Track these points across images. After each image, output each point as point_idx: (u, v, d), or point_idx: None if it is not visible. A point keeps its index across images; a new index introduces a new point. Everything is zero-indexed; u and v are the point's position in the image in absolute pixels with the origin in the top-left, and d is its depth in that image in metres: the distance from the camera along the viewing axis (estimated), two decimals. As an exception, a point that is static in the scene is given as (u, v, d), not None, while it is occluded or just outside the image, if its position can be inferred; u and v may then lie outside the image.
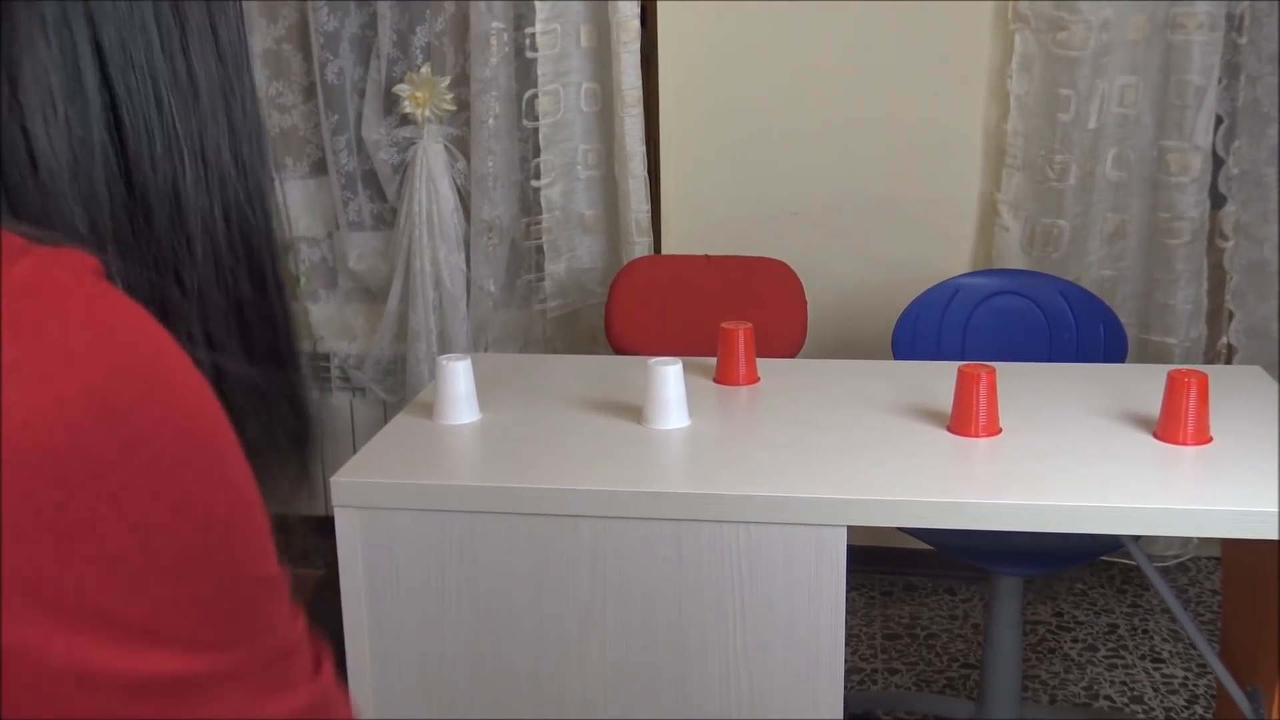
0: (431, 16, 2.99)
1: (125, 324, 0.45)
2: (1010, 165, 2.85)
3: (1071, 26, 2.70)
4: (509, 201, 3.04)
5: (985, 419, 1.89)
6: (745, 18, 2.91)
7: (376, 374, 3.17)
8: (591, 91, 2.99)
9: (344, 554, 1.81)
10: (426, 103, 2.98)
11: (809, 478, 1.77)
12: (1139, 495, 1.71)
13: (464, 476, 1.84)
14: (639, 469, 1.83)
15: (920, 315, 2.57)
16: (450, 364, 1.98)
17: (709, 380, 2.19)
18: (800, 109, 2.94)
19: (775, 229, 2.98)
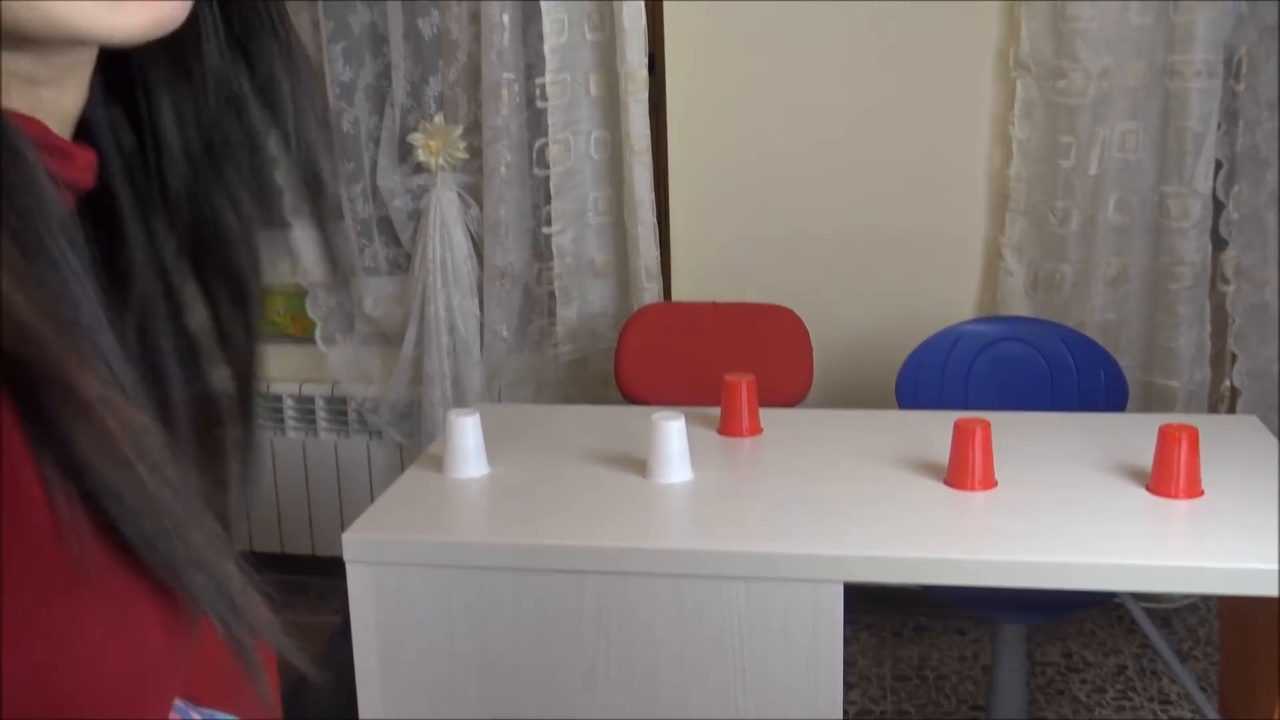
0: (444, 67, 3.05)
1: None
2: (1014, 210, 2.89)
3: (1071, 75, 2.75)
4: (521, 248, 3.10)
5: (981, 473, 1.93)
6: (752, 66, 2.97)
7: (393, 417, 3.23)
8: (601, 139, 3.05)
9: (355, 608, 1.86)
10: (440, 151, 3.05)
11: (807, 533, 1.81)
12: (1131, 551, 1.74)
13: (472, 533, 1.89)
14: (642, 524, 1.88)
15: (923, 363, 2.61)
16: (459, 419, 2.04)
17: (713, 431, 2.24)
18: (807, 154, 2.99)
19: (783, 272, 3.03)
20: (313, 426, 3.29)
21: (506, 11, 2.91)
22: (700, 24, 2.97)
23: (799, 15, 2.91)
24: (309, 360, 3.29)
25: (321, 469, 3.30)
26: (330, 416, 3.28)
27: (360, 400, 3.25)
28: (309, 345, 3.27)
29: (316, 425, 3.29)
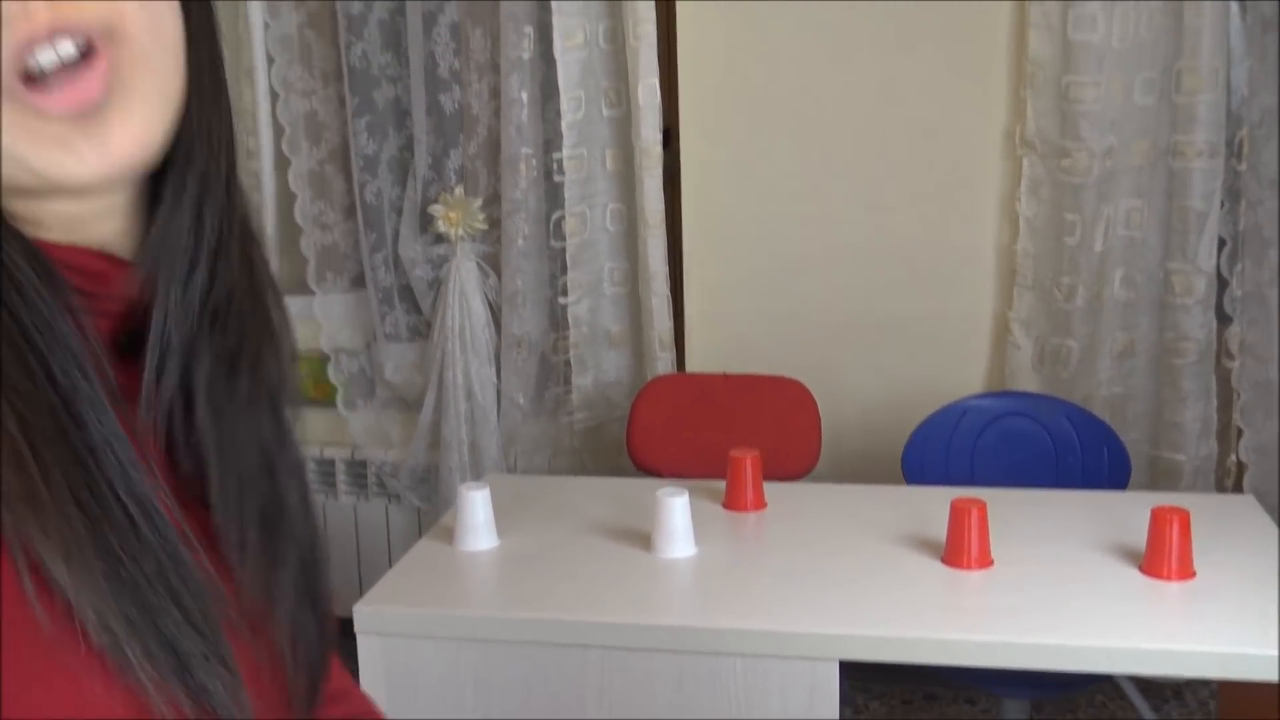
0: (465, 141, 3.14)
1: None
2: (1021, 285, 2.94)
3: (1075, 154, 2.81)
4: (538, 317, 3.17)
5: (977, 552, 1.98)
6: (765, 143, 3.04)
7: (411, 482, 3.29)
8: (617, 212, 3.12)
9: (366, 678, 1.92)
10: (460, 222, 3.13)
11: (805, 610, 1.86)
12: (1122, 633, 1.78)
13: (480, 607, 1.95)
14: (644, 599, 1.93)
15: (929, 437, 2.65)
16: (469, 493, 2.10)
17: (719, 505, 2.29)
18: (819, 228, 3.05)
19: (795, 344, 3.08)
20: (333, 489, 3.35)
21: (525, 89, 3.00)
22: (715, 101, 3.04)
23: (812, 94, 2.99)
24: (330, 424, 3.36)
25: (341, 531, 3.36)
26: (350, 480, 3.35)
27: (380, 464, 3.31)
28: (330, 410, 3.34)
29: (337, 488, 3.35)
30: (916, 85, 2.94)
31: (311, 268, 3.28)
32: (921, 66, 2.93)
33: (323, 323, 3.31)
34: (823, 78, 2.98)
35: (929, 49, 2.93)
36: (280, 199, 3.22)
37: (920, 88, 2.94)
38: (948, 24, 2.91)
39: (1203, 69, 2.71)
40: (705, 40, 3.01)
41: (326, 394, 3.35)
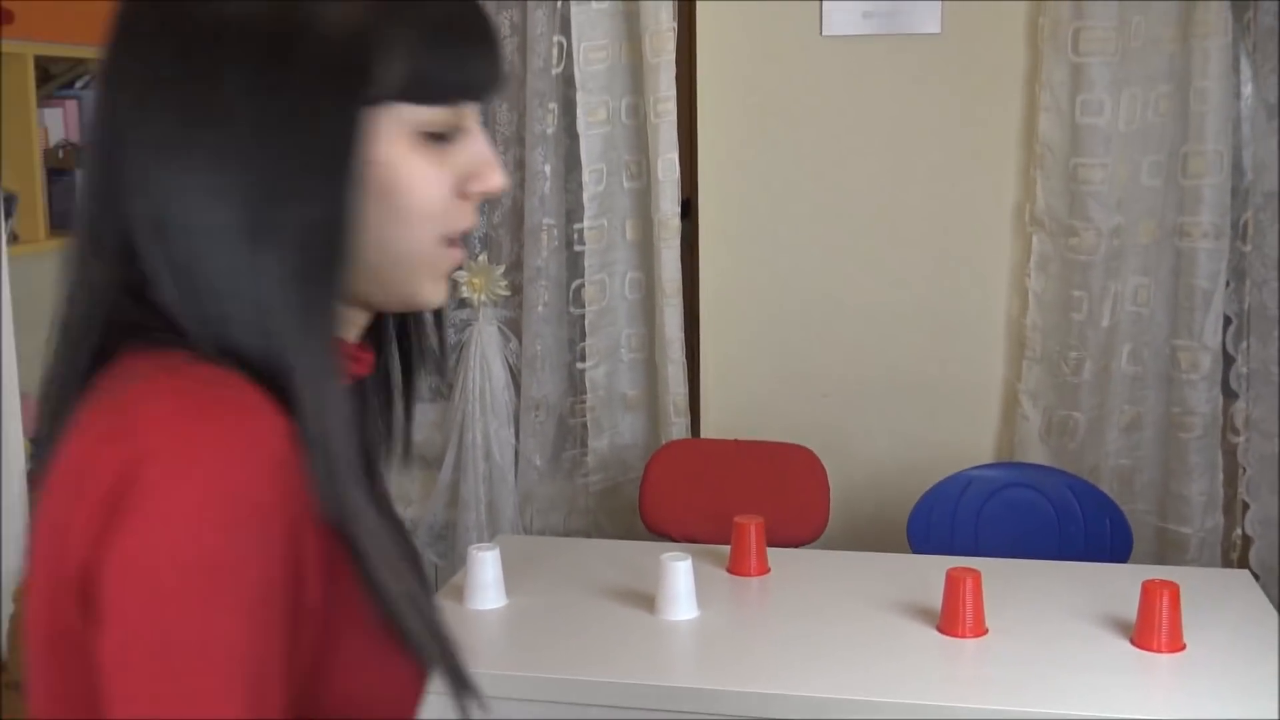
0: (489, 210, 3.24)
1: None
2: (1029, 358, 3.00)
3: (1083, 233, 2.88)
4: (556, 380, 3.25)
5: (971, 621, 2.03)
6: (782, 214, 3.12)
7: (429, 539, 3.36)
8: (635, 280, 3.21)
9: (373, 732, 1.98)
10: (483, 288, 3.22)
11: (800, 674, 1.91)
12: (1109, 704, 1.83)
13: (486, 664, 2.01)
14: (646, 660, 1.99)
15: (934, 505, 2.71)
16: (479, 554, 2.17)
17: (723, 569, 2.35)
18: (834, 298, 3.12)
19: (809, 411, 3.14)
20: (353, 545, 3.42)
21: (549, 162, 3.10)
22: (733, 174, 3.13)
23: (828, 170, 3.07)
24: (352, 482, 3.44)
25: (360, 587, 3.43)
26: (370, 536, 3.42)
27: (399, 522, 3.38)
28: (353, 467, 3.42)
29: (357, 544, 3.42)
30: (931, 162, 3.02)
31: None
32: (936, 145, 3.02)
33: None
34: (839, 155, 3.07)
35: (944, 129, 3.02)
36: (310, 262, 3.32)
37: (934, 165, 3.02)
38: (963, 105, 3.00)
39: (1208, 153, 2.78)
40: (725, 116, 3.11)
41: (350, 452, 3.43)
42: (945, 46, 2.97)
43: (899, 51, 2.99)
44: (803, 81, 3.05)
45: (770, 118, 3.09)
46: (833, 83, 3.04)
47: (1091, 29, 2.82)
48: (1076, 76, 2.85)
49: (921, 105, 3.01)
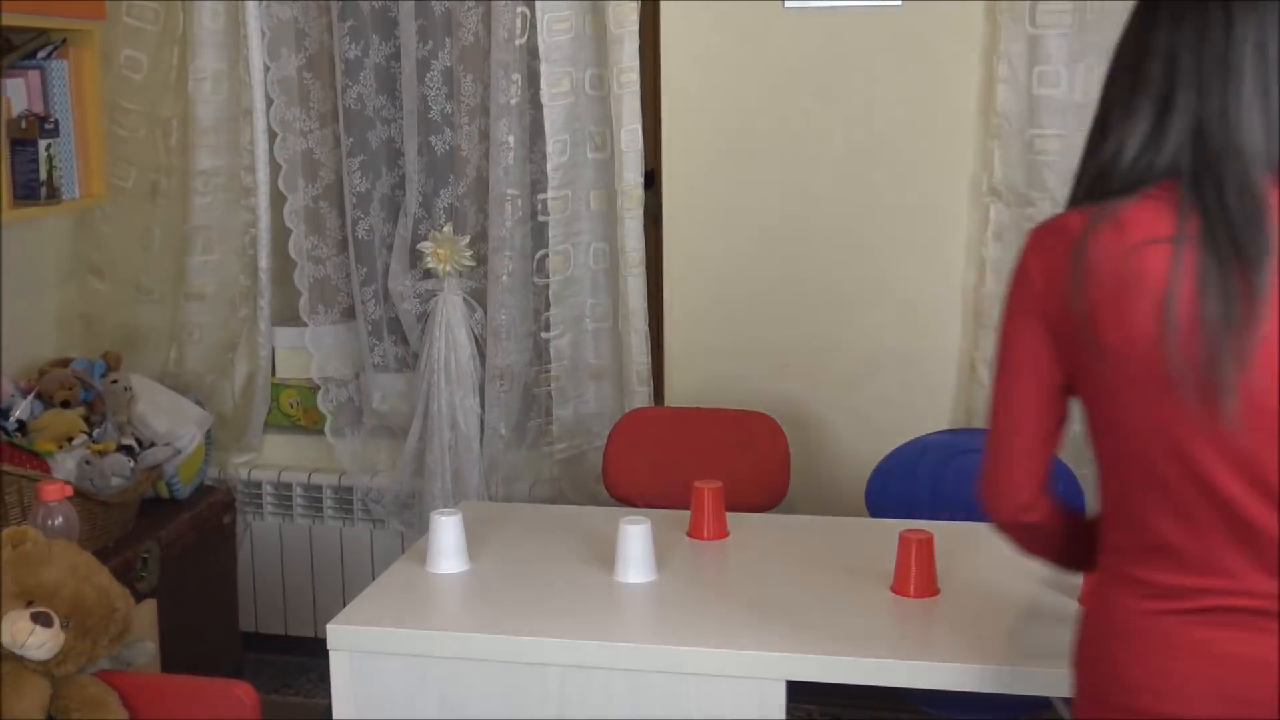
0: (454, 181, 3.26)
1: None
2: (986, 326, 3.04)
3: (1040, 204, 2.92)
4: (521, 350, 3.28)
5: (923, 581, 2.07)
6: (744, 185, 3.15)
7: (395, 507, 3.39)
8: (600, 250, 3.23)
9: (337, 694, 2.02)
10: (448, 259, 3.24)
11: (755, 633, 1.96)
12: (1056, 658, 1.87)
13: (447, 625, 2.05)
14: (604, 621, 2.03)
15: (891, 471, 2.76)
16: (441, 518, 2.20)
17: (683, 534, 2.39)
18: (796, 268, 3.16)
19: (770, 378, 3.18)
20: (320, 514, 3.46)
21: (513, 133, 3.12)
22: (696, 145, 3.16)
23: (789, 140, 3.10)
24: (318, 451, 3.47)
25: (327, 555, 3.46)
26: (336, 505, 3.45)
27: (366, 490, 3.42)
28: (319, 437, 3.45)
29: (323, 513, 3.45)
30: (892, 133, 3.06)
31: (304, 300, 3.40)
32: (897, 116, 3.05)
33: (313, 353, 3.42)
34: (801, 126, 3.10)
35: (905, 100, 3.05)
36: (275, 234, 3.34)
37: (895, 136, 3.06)
38: (922, 77, 3.03)
39: (1161, 123, 2.82)
40: (688, 86, 3.13)
41: (315, 421, 3.45)
42: (905, 18, 3.00)
43: (860, 23, 3.02)
44: (765, 53, 3.08)
45: (733, 89, 3.12)
46: (794, 54, 3.07)
47: (1048, 2, 2.86)
48: (1034, 48, 2.89)
49: (882, 77, 3.04)
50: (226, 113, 3.32)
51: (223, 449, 3.47)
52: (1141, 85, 1.36)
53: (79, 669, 2.00)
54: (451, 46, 3.20)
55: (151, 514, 3.12)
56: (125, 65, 3.31)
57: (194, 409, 3.28)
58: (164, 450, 3.11)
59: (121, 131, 3.35)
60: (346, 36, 3.22)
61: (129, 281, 3.45)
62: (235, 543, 3.45)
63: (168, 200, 3.40)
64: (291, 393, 3.49)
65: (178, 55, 3.31)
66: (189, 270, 3.38)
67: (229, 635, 3.42)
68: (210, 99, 3.29)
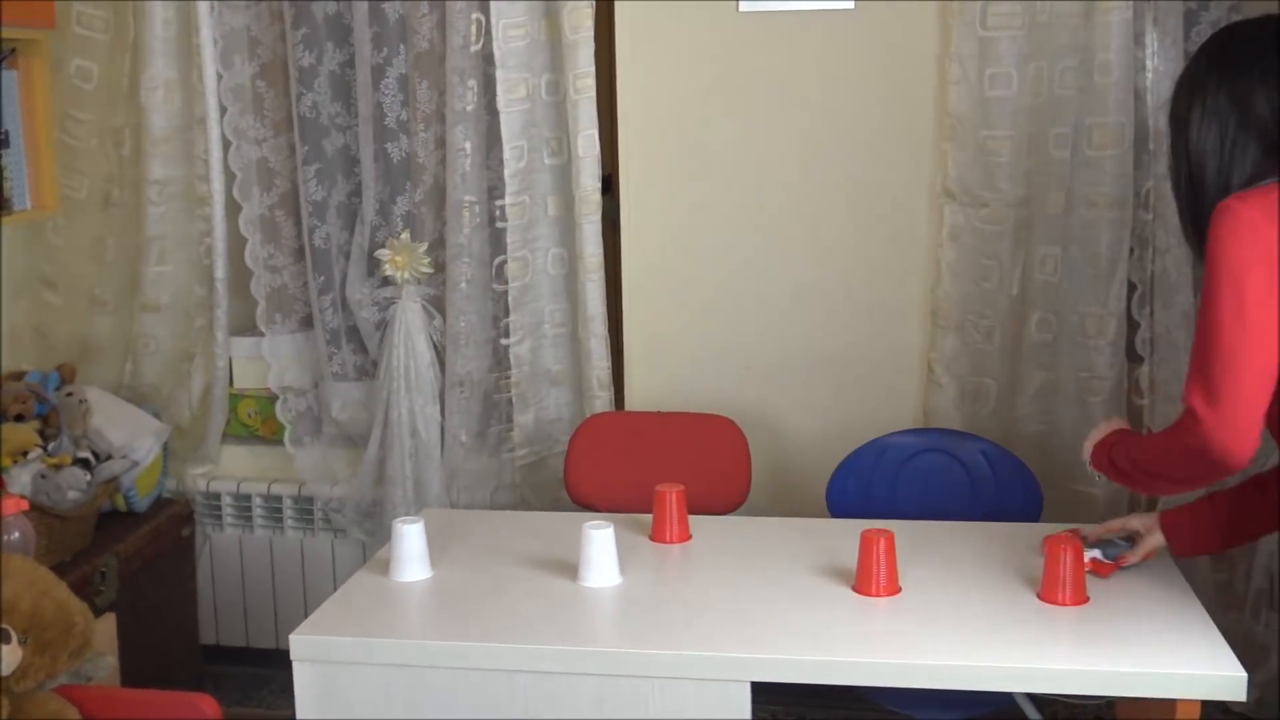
0: (411, 188, 3.25)
1: None
2: (943, 327, 3.07)
3: (993, 204, 2.95)
4: (481, 357, 3.27)
5: (885, 580, 2.09)
6: (702, 188, 3.16)
7: (356, 516, 3.37)
8: (558, 256, 3.24)
9: (301, 705, 2.01)
10: (406, 266, 3.23)
11: (719, 635, 1.96)
12: (1017, 655, 1.90)
13: (411, 634, 2.04)
14: (569, 626, 2.03)
15: (851, 472, 2.77)
16: (403, 526, 2.19)
17: (645, 537, 2.40)
18: (754, 271, 3.17)
19: (731, 382, 3.20)
20: (280, 525, 3.44)
21: (470, 139, 3.12)
22: (653, 149, 3.17)
23: (747, 142, 3.12)
24: (278, 461, 3.45)
25: (287, 565, 3.44)
26: (297, 515, 3.43)
27: (326, 500, 3.40)
28: (278, 447, 3.43)
29: (284, 523, 3.43)
30: (847, 135, 3.08)
31: (261, 309, 3.38)
32: (852, 118, 3.07)
33: (271, 363, 3.40)
34: (757, 129, 3.11)
35: (859, 102, 3.07)
36: (231, 243, 3.31)
37: (851, 138, 3.08)
38: (876, 79, 3.05)
39: (1111, 124, 2.86)
40: (644, 91, 3.14)
41: (274, 432, 3.43)
42: (859, 21, 3.02)
43: (814, 26, 3.05)
44: (720, 57, 3.10)
45: (689, 93, 3.13)
46: (750, 57, 3.09)
47: (999, 4, 2.90)
48: (985, 50, 2.93)
49: (837, 79, 3.06)
50: (179, 121, 3.29)
51: (180, 461, 3.45)
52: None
53: (38, 685, 1.98)
54: (406, 53, 3.19)
55: (109, 527, 3.09)
56: (76, 74, 3.29)
57: (150, 421, 3.26)
58: (121, 463, 3.09)
59: (73, 141, 3.32)
60: (300, 44, 3.20)
61: (82, 293, 3.42)
62: (194, 555, 3.42)
63: (121, 210, 3.37)
64: (250, 403, 3.46)
65: (129, 64, 3.29)
66: (143, 281, 3.35)
67: (189, 648, 3.39)
68: (163, 108, 3.27)
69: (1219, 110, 1.91)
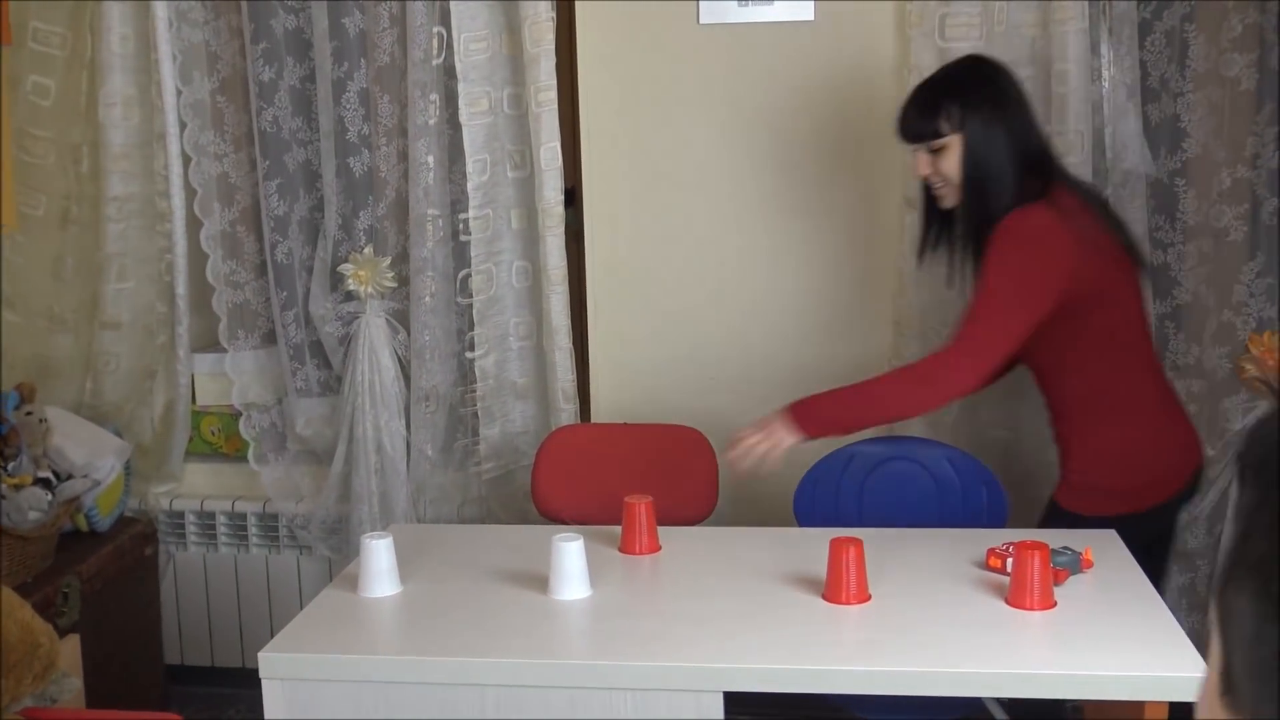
0: (374, 202, 3.24)
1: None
2: (907, 336, 3.09)
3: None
4: (446, 371, 3.26)
5: (855, 588, 2.10)
6: (666, 199, 3.17)
7: (322, 533, 3.35)
8: (522, 269, 3.23)
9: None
10: (369, 280, 3.22)
11: (692, 646, 1.96)
12: (988, 659, 1.91)
13: (381, 650, 2.03)
14: (540, 639, 2.02)
15: (819, 481, 2.78)
16: (371, 542, 2.18)
17: (615, 549, 2.39)
18: (718, 281, 3.18)
19: (696, 393, 3.20)
20: (244, 542, 3.41)
21: (432, 153, 3.11)
22: (616, 160, 3.18)
23: (709, 157, 3.13)
24: (242, 478, 3.42)
25: (252, 583, 3.41)
26: (262, 532, 3.40)
27: (291, 517, 3.37)
28: (241, 464, 3.40)
29: (248, 541, 3.41)
30: (809, 147, 3.10)
31: (223, 325, 3.35)
32: (813, 130, 3.09)
33: (234, 379, 3.38)
34: (719, 141, 3.13)
35: (821, 113, 3.09)
36: (192, 259, 3.29)
37: (812, 149, 3.10)
38: (837, 90, 3.07)
39: (1070, 133, 2.89)
40: (606, 103, 3.15)
41: (238, 449, 3.41)
42: (818, 32, 3.04)
43: (774, 38, 3.06)
44: (681, 69, 3.11)
45: (650, 105, 3.14)
46: (710, 69, 3.10)
47: (956, 15, 2.92)
48: (944, 60, 2.94)
49: (798, 90, 3.08)
50: (139, 137, 3.27)
51: (143, 479, 3.41)
52: None
53: (3, 708, 1.96)
54: (367, 68, 3.18)
55: (71, 547, 3.06)
56: (33, 91, 3.26)
57: (112, 439, 3.23)
58: (82, 482, 3.05)
59: (30, 159, 3.29)
60: (260, 59, 3.19)
61: (41, 311, 3.38)
62: (158, 574, 3.39)
63: (80, 227, 3.34)
64: (212, 420, 3.44)
65: (86, 80, 3.26)
66: (103, 298, 3.32)
67: (153, 668, 3.36)
68: (121, 124, 3.24)
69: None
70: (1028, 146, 2.39)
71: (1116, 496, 2.44)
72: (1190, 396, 3.07)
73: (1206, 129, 2.96)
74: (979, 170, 2.36)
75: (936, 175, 2.45)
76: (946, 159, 2.41)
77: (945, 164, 2.41)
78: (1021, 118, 2.40)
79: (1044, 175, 2.38)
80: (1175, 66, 2.96)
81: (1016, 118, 2.39)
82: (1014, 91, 2.42)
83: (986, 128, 2.36)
